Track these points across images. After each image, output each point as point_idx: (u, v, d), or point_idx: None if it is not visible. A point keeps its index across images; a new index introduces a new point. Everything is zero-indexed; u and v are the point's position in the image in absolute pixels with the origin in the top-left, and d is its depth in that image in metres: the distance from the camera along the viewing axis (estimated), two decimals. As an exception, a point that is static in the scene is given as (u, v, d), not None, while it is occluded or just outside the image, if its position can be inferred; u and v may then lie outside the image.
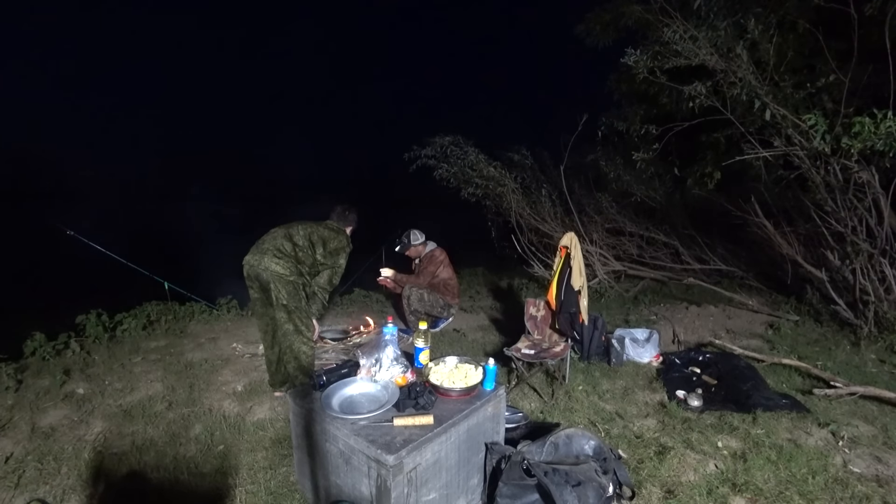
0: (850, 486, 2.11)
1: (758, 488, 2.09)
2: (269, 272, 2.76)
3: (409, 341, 2.76)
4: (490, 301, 5.55)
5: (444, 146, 6.06)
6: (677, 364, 3.41)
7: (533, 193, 6.44)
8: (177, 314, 4.62)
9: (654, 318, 4.68)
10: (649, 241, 6.89)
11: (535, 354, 3.11)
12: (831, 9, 3.89)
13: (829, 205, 4.16)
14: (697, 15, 4.17)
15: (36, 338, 3.61)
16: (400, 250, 4.47)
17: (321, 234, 3.03)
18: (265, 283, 2.79)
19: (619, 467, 2.04)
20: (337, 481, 1.82)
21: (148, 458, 2.37)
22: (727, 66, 4.01)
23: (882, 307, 3.97)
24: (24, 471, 2.25)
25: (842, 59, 4.07)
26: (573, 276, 3.20)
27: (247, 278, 2.87)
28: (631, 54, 4.38)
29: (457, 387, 1.96)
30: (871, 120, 3.36)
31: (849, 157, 3.73)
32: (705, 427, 2.61)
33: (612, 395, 3.06)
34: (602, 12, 6.34)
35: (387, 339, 2.12)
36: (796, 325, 4.39)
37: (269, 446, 2.47)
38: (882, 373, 3.37)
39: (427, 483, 1.73)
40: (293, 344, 2.83)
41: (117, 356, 3.67)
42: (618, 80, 6.77)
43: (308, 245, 2.96)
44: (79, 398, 2.99)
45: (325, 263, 3.04)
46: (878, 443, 2.49)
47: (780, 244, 5.04)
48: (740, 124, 4.31)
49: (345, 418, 1.78)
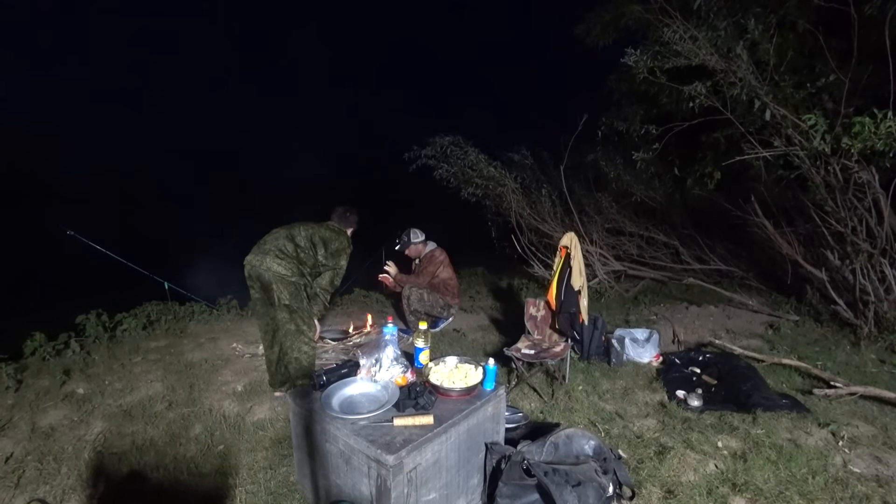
0: (850, 486, 2.11)
1: (758, 488, 2.09)
2: (272, 273, 2.76)
3: (409, 341, 2.76)
4: (490, 301, 5.55)
5: (444, 146, 6.06)
6: (677, 364, 3.41)
7: (533, 193, 6.44)
8: (177, 314, 4.63)
9: (654, 318, 4.68)
10: (649, 241, 6.90)
11: (535, 354, 3.11)
12: (831, 9, 3.89)
13: (829, 205, 4.16)
14: (697, 15, 4.17)
15: (36, 338, 3.62)
16: (399, 249, 4.47)
17: (322, 235, 3.03)
18: (267, 284, 2.79)
19: (619, 467, 2.04)
20: (337, 481, 1.82)
21: (148, 458, 2.37)
22: (727, 66, 4.01)
23: (882, 307, 3.97)
24: (24, 471, 2.25)
25: (842, 59, 4.07)
26: (573, 276, 3.20)
27: (248, 278, 2.87)
28: (631, 54, 4.38)
29: (457, 387, 1.97)
30: (871, 120, 3.36)
31: (849, 157, 3.73)
32: (705, 427, 2.61)
33: (612, 395, 3.06)
34: (602, 12, 6.33)
35: (387, 339, 2.12)
36: (796, 325, 4.39)
37: (269, 446, 2.47)
38: (882, 373, 3.37)
39: (427, 483, 1.73)
40: (294, 344, 2.83)
41: (117, 356, 3.67)
42: (618, 80, 6.76)
43: (310, 246, 2.96)
44: (79, 398, 2.99)
45: (327, 264, 3.04)
46: (878, 443, 2.49)
47: (780, 244, 5.03)
48: (740, 124, 4.31)
49: (345, 418, 1.78)
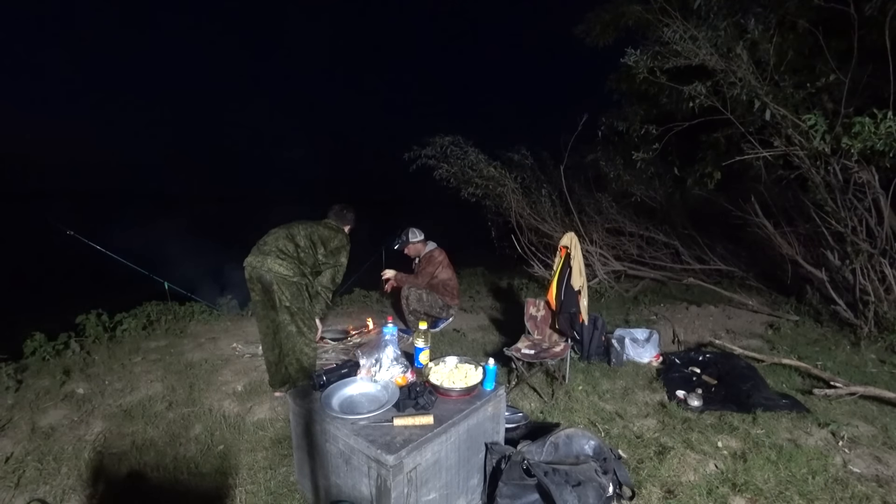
0: (850, 486, 2.11)
1: (758, 488, 2.09)
2: (273, 273, 2.74)
3: (409, 341, 2.76)
4: (490, 301, 5.55)
5: (444, 146, 6.07)
6: (677, 364, 3.42)
7: (533, 193, 6.44)
8: (177, 314, 4.62)
9: (654, 318, 4.68)
10: (649, 241, 6.90)
11: (535, 354, 3.11)
12: (831, 9, 3.89)
13: (829, 205, 4.16)
14: (697, 15, 4.17)
15: (36, 338, 3.62)
16: (399, 248, 4.47)
17: (321, 233, 3.02)
18: (268, 285, 2.78)
19: (619, 467, 2.04)
20: (337, 481, 1.82)
21: (148, 458, 2.37)
22: (727, 66, 4.01)
23: (882, 307, 3.97)
24: (24, 471, 2.25)
25: (842, 59, 4.07)
26: (573, 276, 3.20)
27: (248, 280, 2.85)
28: (631, 54, 4.38)
29: (457, 387, 1.96)
30: (871, 120, 3.36)
31: (849, 157, 3.73)
32: (705, 427, 2.61)
33: (612, 395, 3.06)
34: (602, 12, 6.34)
35: (387, 339, 2.12)
36: (796, 325, 4.39)
37: (269, 446, 2.47)
38: (882, 373, 3.37)
39: (427, 483, 1.73)
40: (296, 346, 2.83)
41: (117, 356, 3.67)
42: (618, 80, 6.77)
43: (309, 245, 2.95)
44: (79, 398, 2.99)
45: (327, 263, 3.03)
46: (878, 443, 2.49)
47: (780, 244, 5.04)
48: (740, 124, 4.31)
49: (345, 418, 1.78)
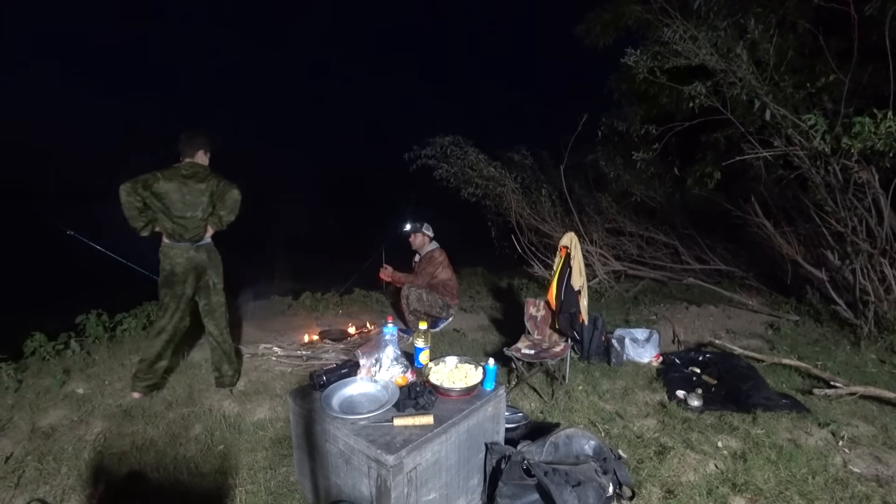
0: (850, 486, 2.11)
1: (758, 488, 2.09)
2: (211, 254, 2.74)
3: (409, 341, 2.76)
4: (490, 301, 5.54)
5: (444, 146, 6.06)
6: (677, 364, 3.42)
7: (533, 193, 6.44)
8: (177, 314, 4.61)
9: (654, 318, 4.68)
10: (649, 241, 6.90)
11: (535, 354, 3.11)
12: (831, 9, 3.89)
13: (829, 205, 4.16)
14: (697, 15, 4.17)
15: (36, 338, 3.61)
16: (410, 231, 4.46)
17: (211, 188, 2.81)
18: (203, 270, 2.72)
19: (619, 467, 2.04)
20: (337, 481, 1.82)
21: (148, 458, 2.37)
22: (727, 66, 4.01)
23: (882, 307, 3.97)
24: (24, 471, 2.25)
25: (842, 59, 4.07)
26: (573, 276, 3.20)
27: (182, 274, 2.74)
28: (631, 54, 4.38)
29: (457, 387, 1.96)
30: (871, 120, 3.36)
31: (849, 157, 3.73)
32: (705, 427, 2.61)
33: (612, 395, 3.06)
34: (602, 12, 6.34)
35: (387, 339, 2.12)
36: (796, 325, 4.39)
37: (269, 446, 2.47)
38: (882, 373, 3.37)
39: (427, 483, 1.73)
40: (227, 325, 2.94)
41: (117, 356, 3.67)
42: (618, 80, 6.77)
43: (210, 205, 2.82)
44: (79, 398, 2.99)
45: (225, 206, 2.88)
46: (878, 443, 2.49)
47: (780, 244, 5.04)
48: (740, 124, 4.31)
49: (345, 418, 1.78)
